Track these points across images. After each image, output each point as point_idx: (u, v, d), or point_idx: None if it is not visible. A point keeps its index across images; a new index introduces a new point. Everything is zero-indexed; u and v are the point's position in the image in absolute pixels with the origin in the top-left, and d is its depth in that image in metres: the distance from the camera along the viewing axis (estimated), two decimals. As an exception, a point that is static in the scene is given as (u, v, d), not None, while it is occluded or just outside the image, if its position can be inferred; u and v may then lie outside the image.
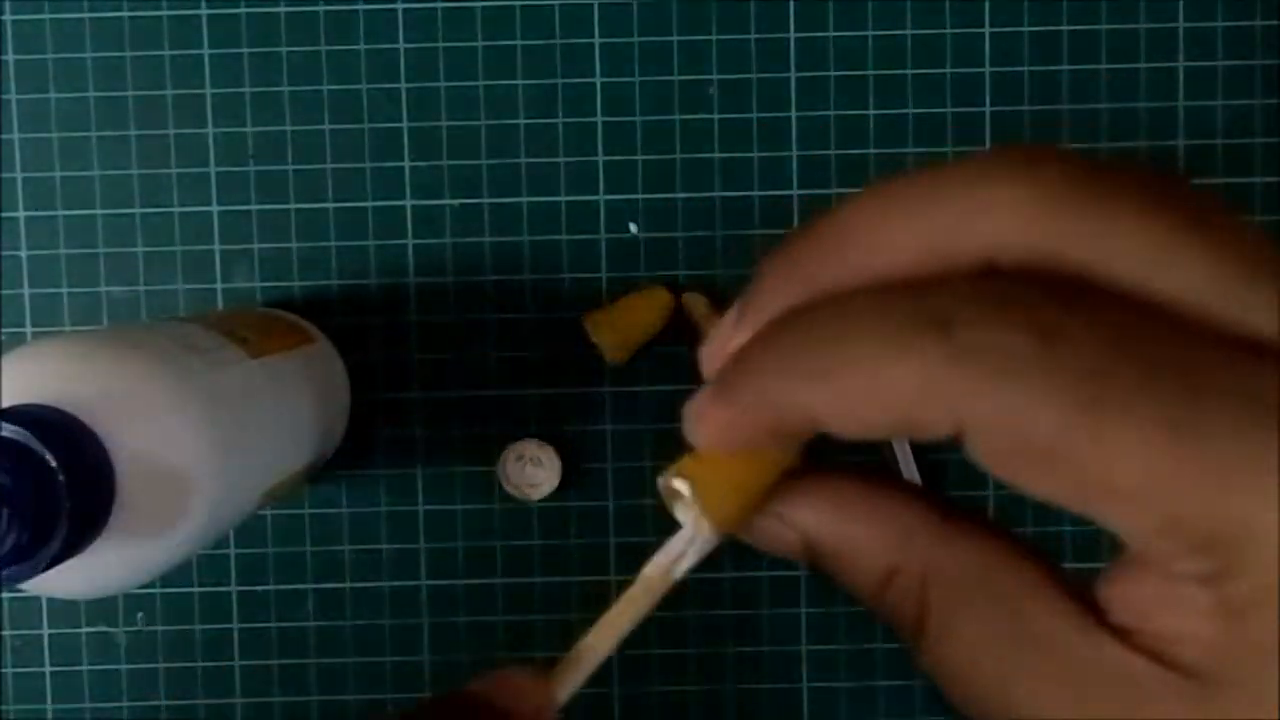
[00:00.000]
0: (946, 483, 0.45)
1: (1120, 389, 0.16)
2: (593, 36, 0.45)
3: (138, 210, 0.45)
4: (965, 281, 0.18)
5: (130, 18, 0.45)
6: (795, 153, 0.45)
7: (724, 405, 0.21)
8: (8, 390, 0.29)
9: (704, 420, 0.22)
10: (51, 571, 0.27)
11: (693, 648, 0.46)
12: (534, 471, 0.45)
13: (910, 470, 0.44)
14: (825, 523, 0.22)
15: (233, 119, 0.45)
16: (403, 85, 0.45)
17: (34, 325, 0.45)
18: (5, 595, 0.45)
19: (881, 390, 0.18)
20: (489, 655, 0.46)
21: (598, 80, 0.45)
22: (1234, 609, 0.16)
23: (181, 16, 0.45)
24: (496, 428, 0.46)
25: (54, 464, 0.26)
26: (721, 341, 0.22)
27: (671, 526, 0.25)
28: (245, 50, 0.45)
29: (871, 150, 0.45)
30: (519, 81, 0.45)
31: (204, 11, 0.45)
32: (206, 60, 0.45)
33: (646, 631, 0.46)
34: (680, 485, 0.23)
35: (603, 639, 0.25)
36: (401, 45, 0.45)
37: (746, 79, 0.45)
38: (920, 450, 0.44)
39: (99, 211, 0.45)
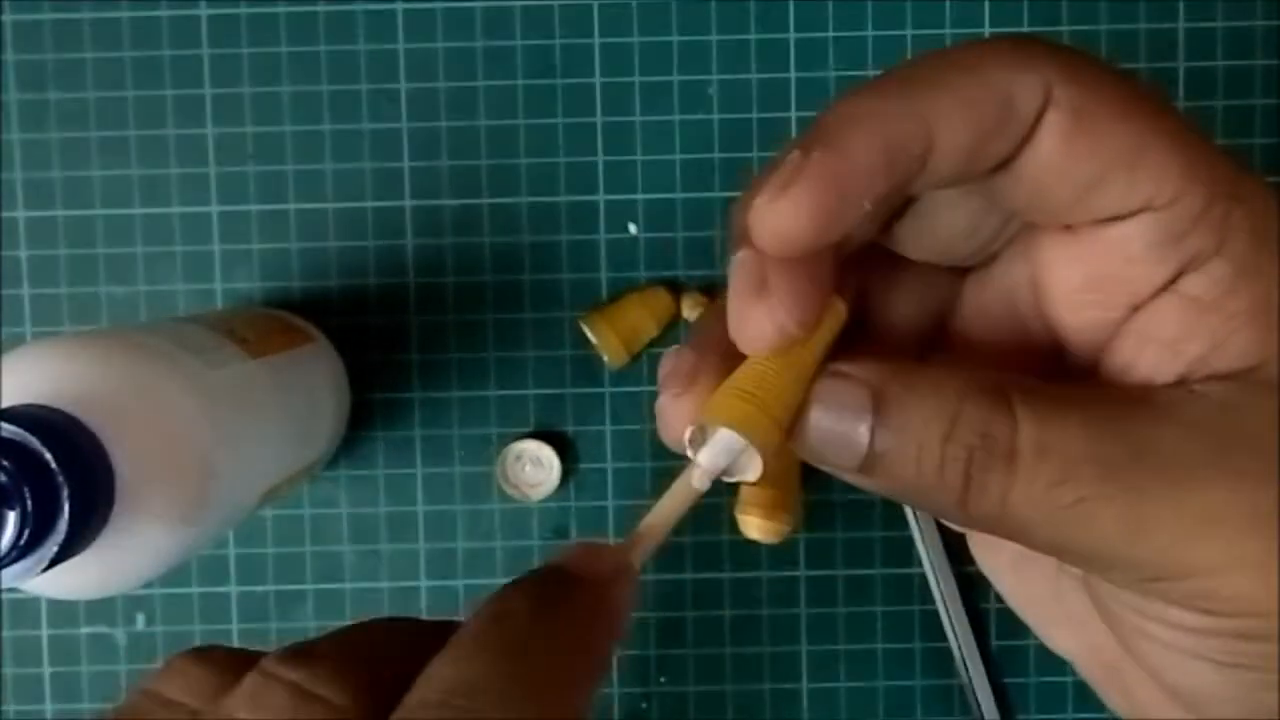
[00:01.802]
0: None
1: None
2: (592, 36, 0.45)
3: (137, 210, 0.45)
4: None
5: (129, 18, 0.45)
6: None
7: (832, 155, 0.20)
8: (7, 390, 0.28)
9: (806, 179, 0.20)
10: (51, 572, 0.27)
11: (693, 648, 0.46)
12: (533, 471, 0.45)
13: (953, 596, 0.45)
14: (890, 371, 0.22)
15: (232, 119, 0.45)
16: (402, 85, 0.45)
17: (33, 325, 0.45)
18: (4, 595, 0.45)
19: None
20: (489, 655, 0.46)
21: (597, 80, 0.45)
22: None
23: (181, 17, 0.45)
24: (496, 428, 0.46)
25: (54, 464, 0.26)
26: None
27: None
28: (245, 50, 0.45)
29: (871, 150, 0.45)
30: (518, 82, 0.45)
31: (203, 12, 0.45)
32: (206, 60, 0.45)
33: (647, 631, 0.46)
34: (720, 427, 0.22)
35: (661, 520, 0.26)
36: (401, 45, 0.45)
37: (746, 79, 0.45)
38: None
39: (98, 211, 0.45)
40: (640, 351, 0.45)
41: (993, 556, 0.28)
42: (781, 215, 0.20)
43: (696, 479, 0.24)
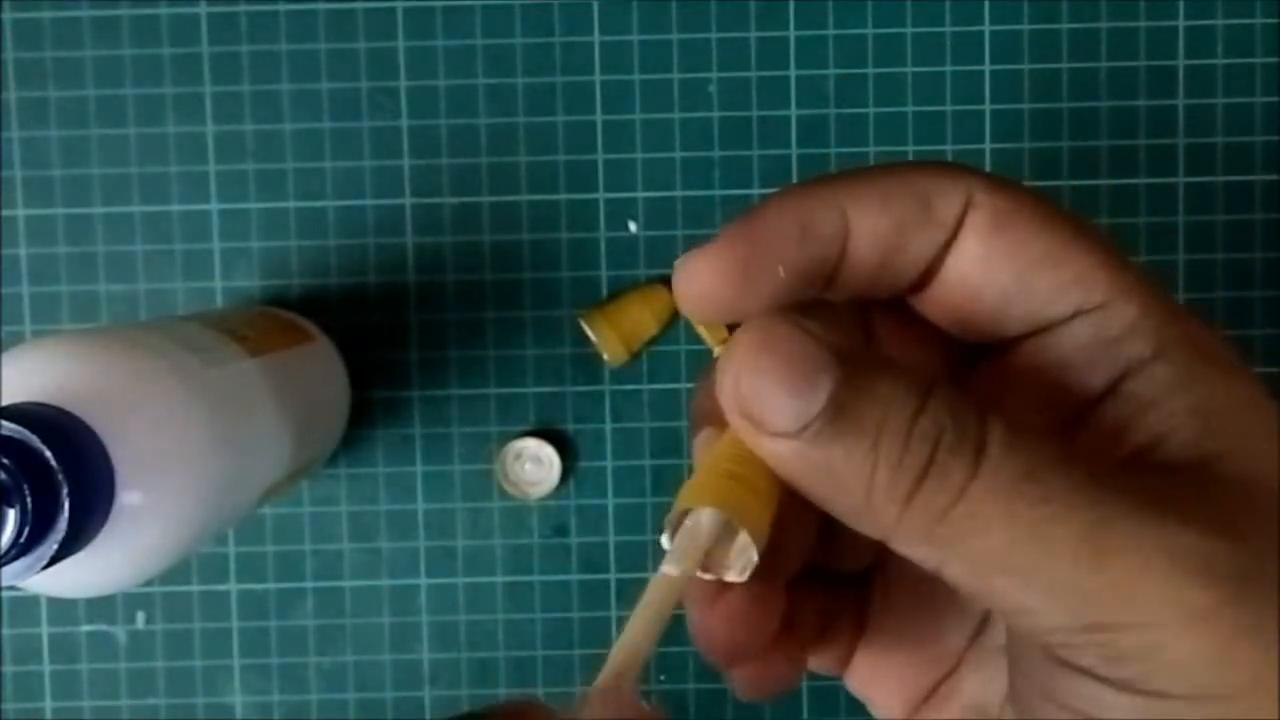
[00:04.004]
0: None
1: None
2: (592, 34, 0.45)
3: (136, 208, 0.45)
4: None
5: (129, 15, 0.45)
6: (795, 151, 0.45)
7: (746, 221, 0.21)
8: (7, 388, 0.28)
9: (720, 239, 0.21)
10: (50, 570, 0.27)
11: (692, 646, 0.46)
12: (533, 470, 0.45)
13: None
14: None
15: (232, 117, 0.45)
16: (402, 83, 0.45)
17: (33, 324, 0.45)
18: (4, 593, 0.45)
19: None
20: (488, 654, 0.46)
21: (597, 78, 0.45)
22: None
23: (180, 14, 0.45)
24: (496, 426, 0.46)
25: (53, 462, 0.26)
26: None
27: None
28: (244, 48, 0.45)
29: (871, 148, 0.45)
30: (518, 80, 0.45)
31: (203, 9, 0.45)
32: (205, 58, 0.45)
33: (646, 630, 0.46)
34: (707, 515, 0.20)
35: (632, 647, 0.22)
36: (401, 43, 0.45)
37: (746, 76, 0.45)
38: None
39: (98, 210, 0.45)
40: (640, 349, 0.45)
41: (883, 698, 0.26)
42: (696, 271, 0.21)
43: (674, 568, 0.20)
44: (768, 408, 0.19)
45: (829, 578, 0.25)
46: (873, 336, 0.23)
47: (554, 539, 0.46)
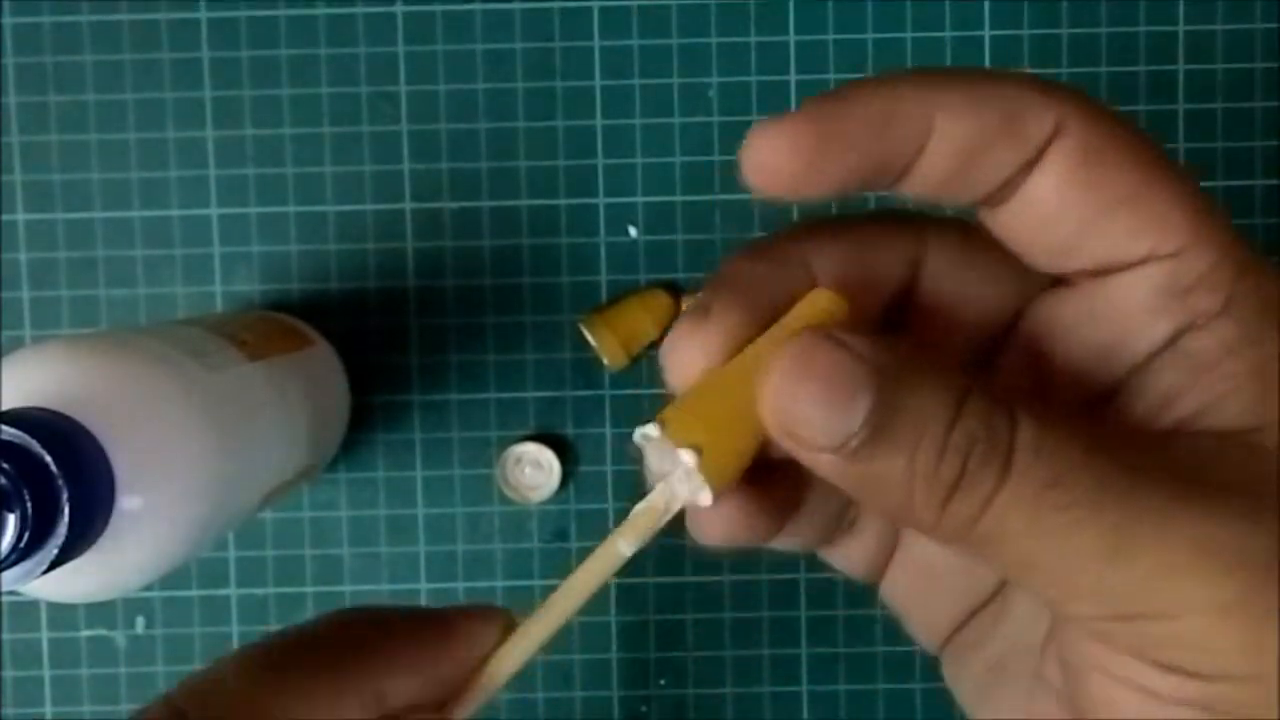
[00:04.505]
0: None
1: None
2: (592, 39, 0.45)
3: (136, 213, 0.45)
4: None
5: (129, 21, 0.45)
6: (795, 155, 0.45)
7: (830, 100, 0.20)
8: (7, 393, 0.28)
9: (799, 113, 0.20)
10: (50, 575, 0.27)
11: (693, 650, 0.46)
12: (533, 474, 0.45)
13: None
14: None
15: (232, 122, 0.45)
16: (402, 88, 0.45)
17: (33, 328, 0.45)
18: (4, 598, 0.45)
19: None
20: (488, 658, 0.46)
21: (597, 83, 0.45)
22: None
23: (181, 20, 0.45)
24: (496, 430, 0.46)
25: (54, 467, 0.26)
26: (691, 330, 0.22)
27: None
28: (244, 53, 0.45)
29: (871, 153, 0.45)
30: (518, 84, 0.45)
31: (203, 15, 0.45)
32: (205, 63, 0.45)
33: (646, 634, 0.46)
34: (682, 451, 0.20)
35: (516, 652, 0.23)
36: (401, 48, 0.45)
37: (746, 81, 0.45)
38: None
39: (98, 214, 0.45)
40: (640, 354, 0.45)
41: (964, 671, 0.26)
42: (771, 140, 0.20)
43: (628, 547, 0.22)
44: (807, 427, 0.19)
45: None
46: (926, 268, 0.23)
47: (554, 543, 0.46)
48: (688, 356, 0.21)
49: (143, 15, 0.45)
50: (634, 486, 0.46)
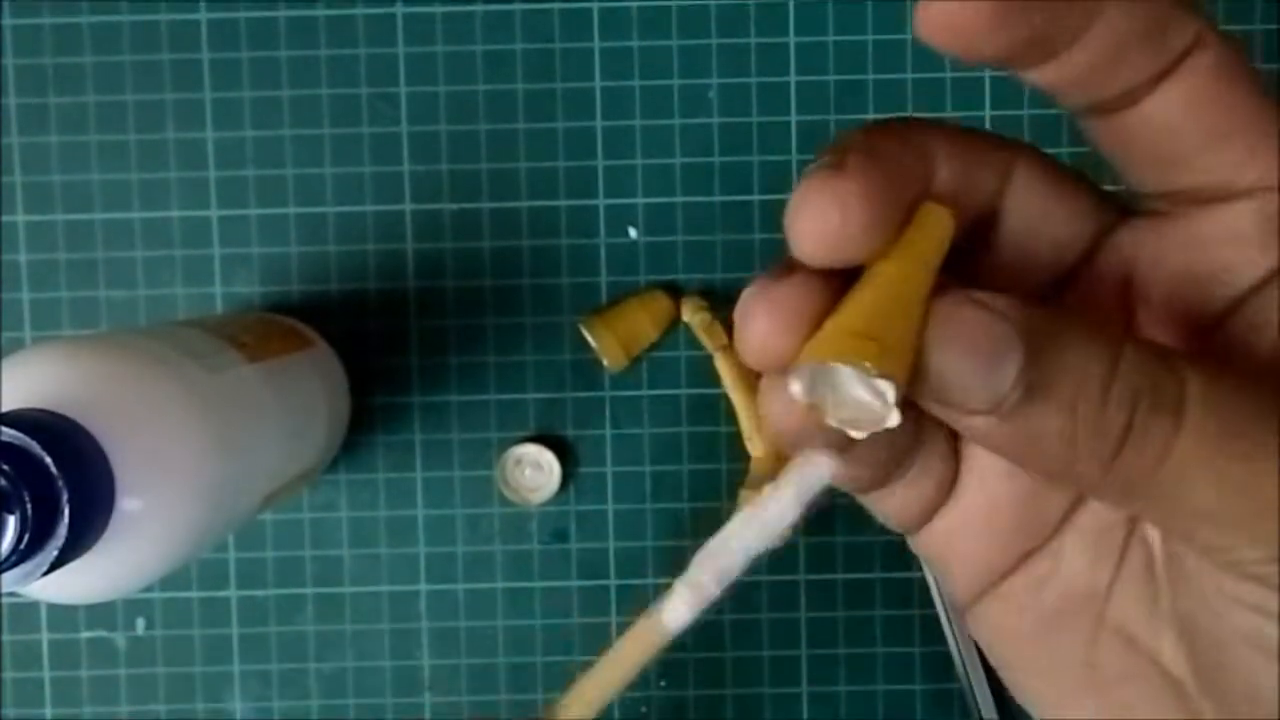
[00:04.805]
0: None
1: None
2: (592, 40, 0.45)
3: (136, 214, 0.45)
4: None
5: (129, 22, 0.45)
6: (795, 157, 0.45)
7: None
8: (7, 394, 0.28)
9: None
10: (50, 576, 0.27)
11: (692, 652, 0.46)
12: (533, 475, 0.45)
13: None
14: None
15: (232, 123, 0.45)
16: (402, 89, 0.45)
17: (33, 330, 0.45)
18: (4, 600, 0.45)
19: None
20: (489, 660, 0.46)
21: (597, 84, 0.45)
22: None
23: (181, 21, 0.45)
24: (496, 432, 0.46)
25: (54, 468, 0.26)
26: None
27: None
28: (244, 55, 0.45)
29: (871, 154, 0.45)
30: (518, 86, 0.45)
31: (203, 16, 0.45)
32: (205, 65, 0.45)
33: (646, 636, 0.46)
34: (881, 383, 0.19)
35: (590, 702, 0.21)
36: (401, 49, 0.45)
37: (746, 83, 0.45)
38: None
39: (98, 216, 0.45)
40: (640, 355, 0.45)
41: (1013, 622, 0.25)
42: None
43: (670, 616, 0.20)
44: (959, 392, 0.19)
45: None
46: (1015, 183, 0.22)
47: (554, 544, 0.46)
48: (825, 210, 0.19)
49: (143, 16, 0.45)
50: (634, 489, 0.46)
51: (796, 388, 0.20)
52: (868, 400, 0.19)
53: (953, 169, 0.21)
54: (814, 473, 0.21)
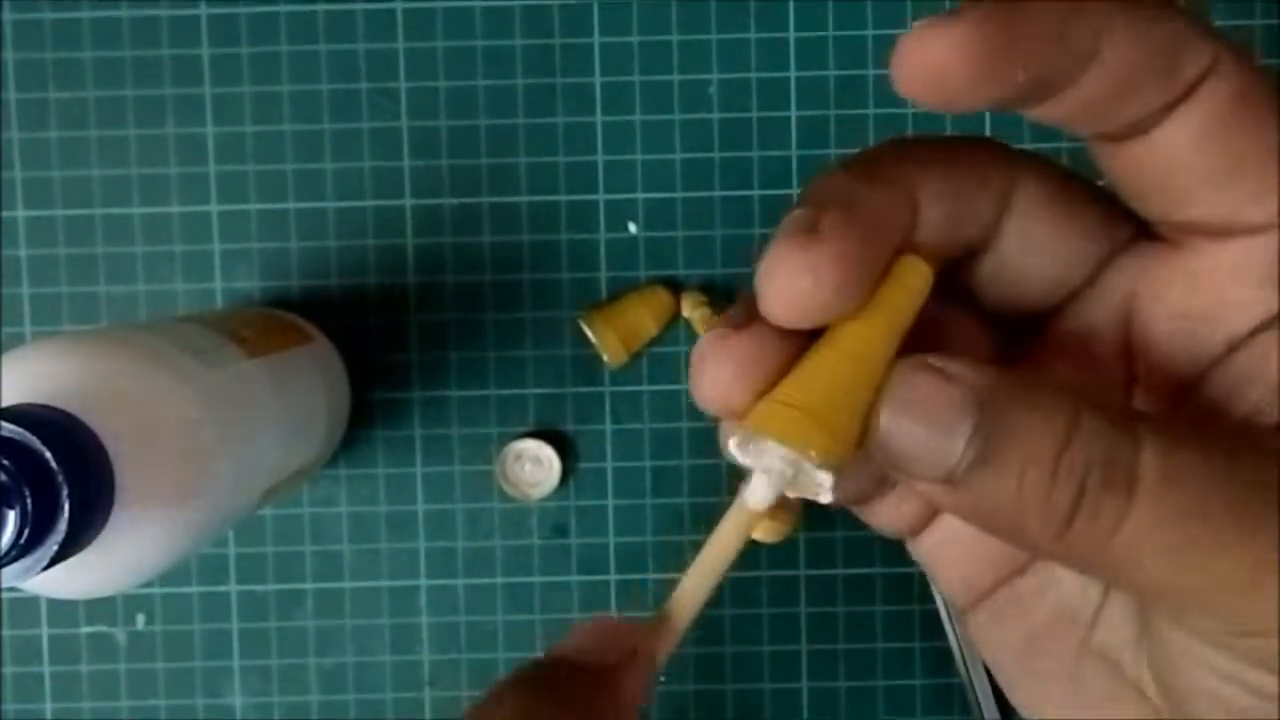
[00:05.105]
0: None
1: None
2: (592, 35, 0.45)
3: (136, 210, 0.45)
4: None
5: (129, 17, 0.45)
6: (795, 152, 0.45)
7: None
8: (7, 389, 0.28)
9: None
10: (50, 571, 0.27)
11: (693, 647, 0.46)
12: (533, 471, 0.45)
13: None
14: None
15: (232, 118, 0.45)
16: (402, 84, 0.45)
17: (33, 325, 0.45)
18: (4, 595, 0.45)
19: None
20: (489, 655, 0.46)
21: (597, 79, 0.45)
22: None
23: (181, 16, 0.45)
24: (496, 427, 0.46)
25: (53, 463, 0.26)
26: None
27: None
28: (244, 50, 0.45)
29: (871, 149, 0.45)
30: (518, 81, 0.45)
31: (203, 11, 0.45)
32: (205, 59, 0.45)
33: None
34: (820, 472, 0.19)
35: (699, 583, 0.21)
36: (400, 44, 0.45)
37: (746, 78, 0.45)
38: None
39: (97, 211, 0.45)
40: (640, 351, 0.45)
41: (1002, 633, 0.25)
42: (934, 44, 0.18)
43: (751, 498, 0.20)
44: (910, 460, 0.19)
45: None
46: (1016, 205, 0.21)
47: (554, 540, 0.46)
48: (796, 274, 0.19)
49: (143, 11, 0.45)
50: (634, 484, 0.46)
51: (734, 448, 0.20)
52: (805, 478, 0.20)
53: (942, 207, 0.21)
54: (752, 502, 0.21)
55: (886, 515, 0.24)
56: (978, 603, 0.24)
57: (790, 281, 0.19)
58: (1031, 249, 0.22)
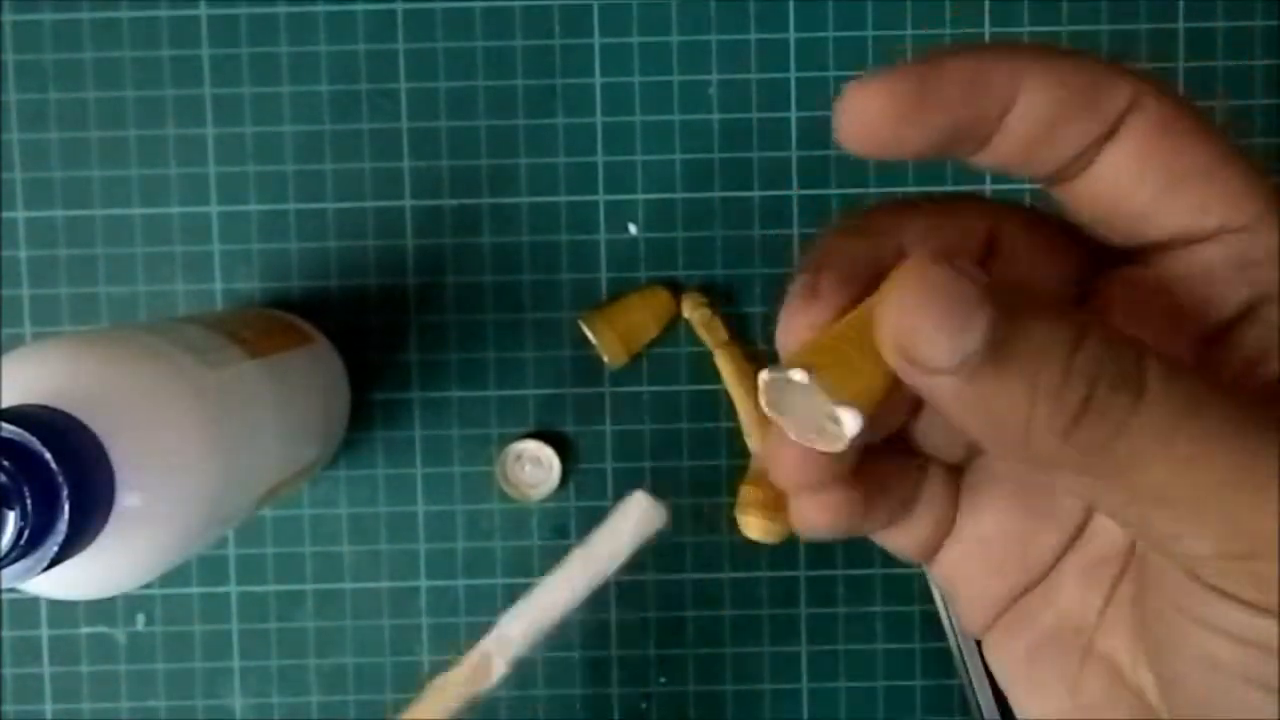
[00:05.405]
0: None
1: None
2: (592, 36, 0.45)
3: (136, 211, 0.45)
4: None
5: (129, 18, 0.45)
6: (795, 153, 0.45)
7: (924, 60, 0.20)
8: (7, 390, 0.28)
9: (892, 75, 0.20)
10: (50, 571, 0.27)
11: (693, 648, 0.46)
12: (533, 472, 0.45)
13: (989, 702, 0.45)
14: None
15: (232, 119, 0.45)
16: (402, 85, 0.45)
17: (33, 326, 0.45)
18: (4, 595, 0.45)
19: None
20: (488, 656, 0.46)
21: (597, 80, 0.45)
22: None
23: (181, 17, 0.45)
24: (496, 428, 0.46)
25: (54, 464, 0.26)
26: (797, 313, 0.22)
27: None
28: (244, 50, 0.45)
29: (871, 150, 0.45)
30: (518, 81, 0.45)
31: (203, 12, 0.45)
32: (205, 60, 0.45)
33: (647, 631, 0.46)
34: (799, 375, 0.20)
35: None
36: (400, 45, 0.45)
37: (746, 79, 0.45)
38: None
39: (98, 212, 0.45)
40: (640, 352, 0.45)
41: (1008, 642, 0.26)
42: (866, 98, 0.20)
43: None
44: (925, 345, 0.19)
45: (920, 457, 0.26)
46: (999, 247, 0.23)
47: (554, 541, 0.46)
48: (804, 331, 0.22)
49: (143, 12, 0.45)
50: (634, 485, 0.46)
51: (764, 397, 0.21)
52: (826, 423, 0.20)
53: (930, 240, 0.22)
54: (647, 517, 0.21)
55: (899, 543, 0.25)
56: (995, 620, 0.25)
57: (799, 337, 0.22)
58: (1018, 279, 0.23)
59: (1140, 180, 0.21)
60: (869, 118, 0.20)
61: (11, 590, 0.44)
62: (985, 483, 0.25)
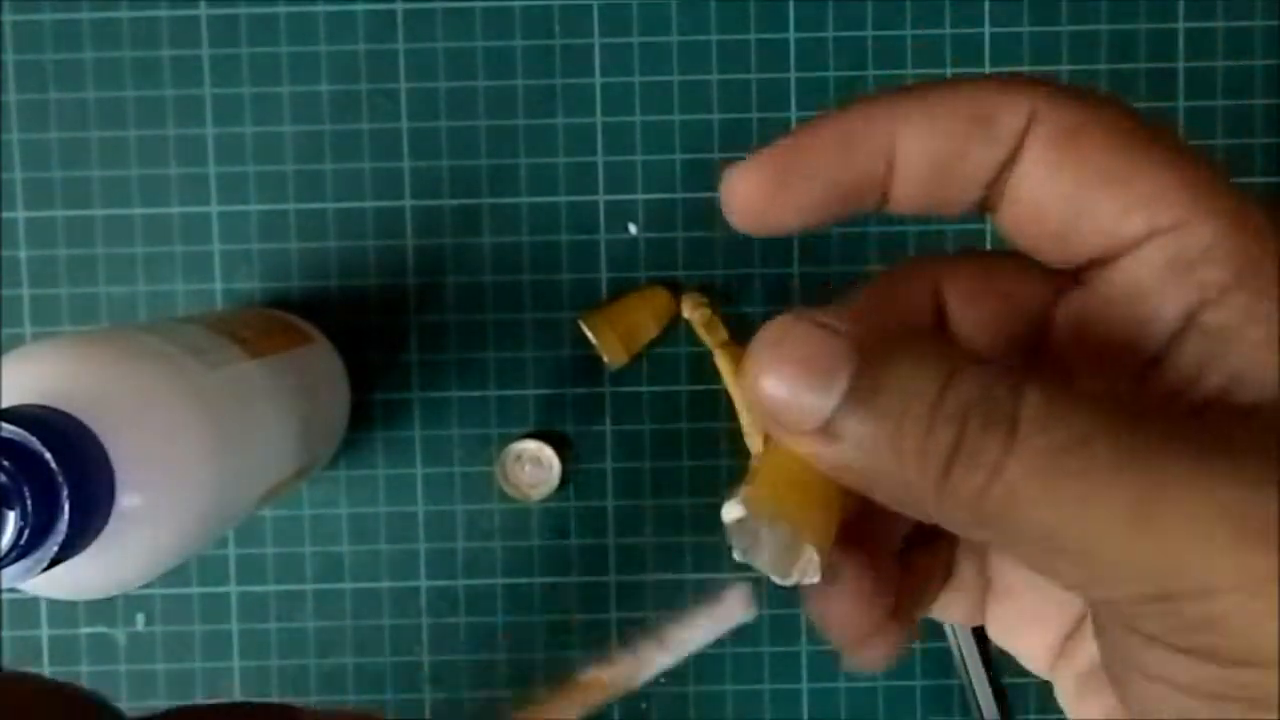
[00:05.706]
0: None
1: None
2: (592, 36, 0.45)
3: (137, 211, 0.45)
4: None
5: (129, 18, 0.45)
6: (795, 153, 0.45)
7: (789, 138, 0.21)
8: (8, 390, 0.28)
9: (766, 152, 0.21)
10: (50, 572, 0.27)
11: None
12: (533, 472, 0.45)
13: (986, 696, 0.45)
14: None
15: (232, 119, 0.45)
16: (402, 85, 0.45)
17: (33, 326, 0.45)
18: (4, 595, 0.45)
19: None
20: (488, 656, 0.46)
21: (597, 80, 0.45)
22: None
23: (181, 17, 0.45)
24: (496, 428, 0.46)
25: (54, 464, 0.26)
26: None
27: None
28: (244, 50, 0.45)
29: (871, 150, 0.45)
30: (518, 81, 0.45)
31: (203, 12, 0.45)
32: (206, 60, 0.45)
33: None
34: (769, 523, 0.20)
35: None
36: (401, 45, 0.45)
37: (746, 79, 0.45)
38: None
39: (98, 212, 0.45)
40: (640, 352, 0.45)
41: (1061, 678, 0.25)
42: (737, 181, 0.21)
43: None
44: (788, 408, 0.19)
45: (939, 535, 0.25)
46: (944, 306, 0.23)
47: (554, 541, 0.46)
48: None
49: (143, 12, 0.45)
50: (634, 485, 0.46)
51: (733, 542, 0.21)
52: (798, 557, 0.20)
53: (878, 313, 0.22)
54: (729, 613, 0.22)
55: (952, 612, 0.25)
56: (1055, 663, 0.25)
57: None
58: (969, 321, 0.23)
59: (1052, 197, 0.20)
60: (743, 201, 0.21)
61: (11, 590, 0.44)
62: None
